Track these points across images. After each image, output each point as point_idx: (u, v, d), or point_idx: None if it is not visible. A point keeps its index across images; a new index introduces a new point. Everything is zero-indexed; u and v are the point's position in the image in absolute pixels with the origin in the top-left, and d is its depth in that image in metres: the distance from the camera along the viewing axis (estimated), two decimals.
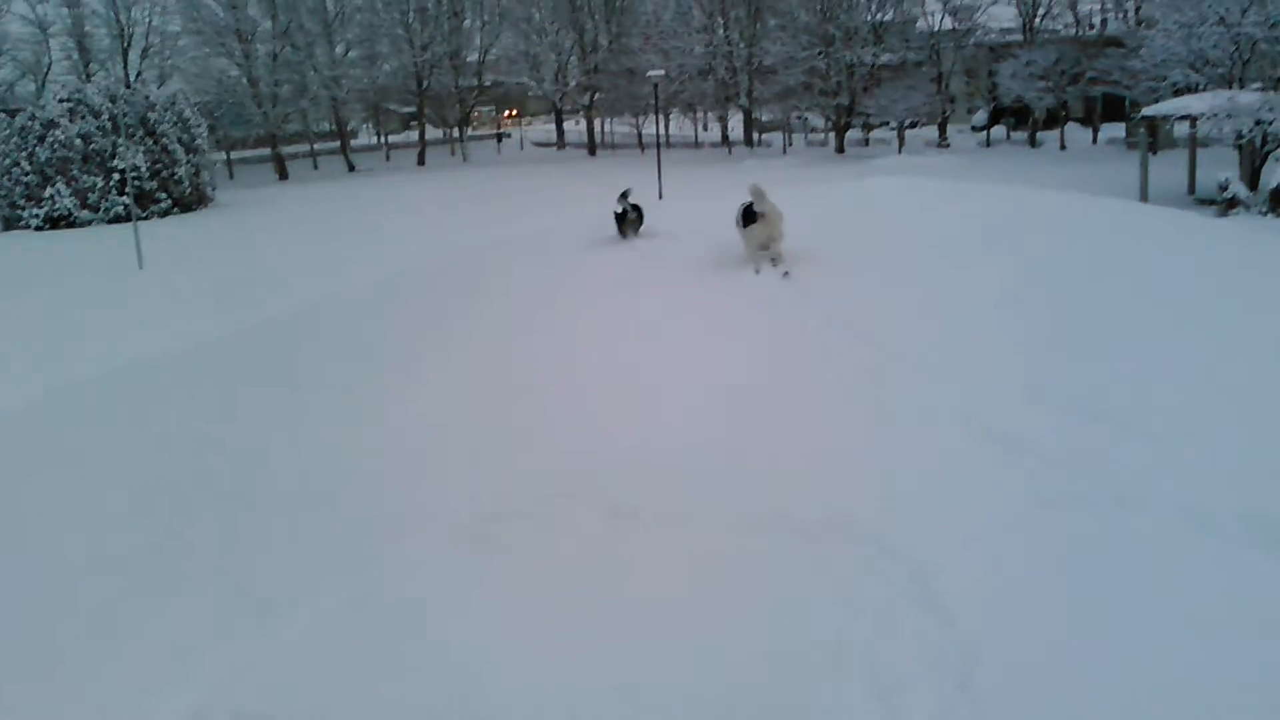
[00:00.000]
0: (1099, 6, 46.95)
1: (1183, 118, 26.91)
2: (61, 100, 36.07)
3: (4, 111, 40.12)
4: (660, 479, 5.70)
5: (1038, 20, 46.96)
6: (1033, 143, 46.11)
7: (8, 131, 35.51)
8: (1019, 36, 47.28)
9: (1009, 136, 49.31)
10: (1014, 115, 49.25)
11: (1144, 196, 24.72)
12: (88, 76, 49.95)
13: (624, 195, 16.30)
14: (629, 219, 16.53)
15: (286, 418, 7.81)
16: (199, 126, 39.85)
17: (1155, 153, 30.02)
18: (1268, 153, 24.29)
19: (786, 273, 10.11)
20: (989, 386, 6.47)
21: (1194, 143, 27.36)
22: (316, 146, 57.29)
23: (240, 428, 7.80)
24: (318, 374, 9.14)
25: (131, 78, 51.42)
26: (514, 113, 79.23)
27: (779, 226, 10.64)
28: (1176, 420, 5.65)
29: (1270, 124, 23.12)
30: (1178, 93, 30.60)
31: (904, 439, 5.89)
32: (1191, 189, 26.57)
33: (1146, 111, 28.31)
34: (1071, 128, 45.77)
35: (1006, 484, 5.15)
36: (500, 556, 5.08)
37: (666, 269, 11.58)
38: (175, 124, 37.94)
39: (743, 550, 4.82)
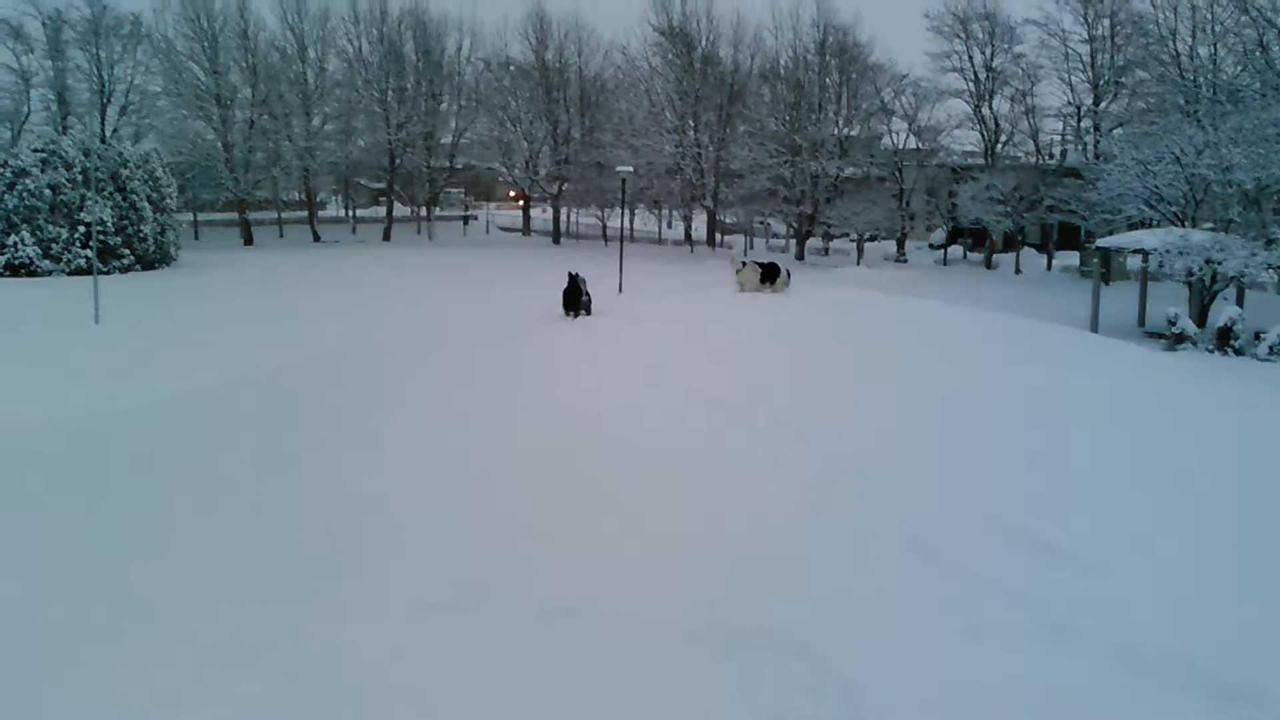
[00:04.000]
0: (1059, 137, 48.37)
1: (1136, 251, 27.58)
2: (35, 150, 35.86)
3: None
4: (600, 576, 5.57)
5: (999, 146, 48.26)
6: (988, 265, 47.10)
7: None
8: (981, 160, 48.51)
9: (965, 257, 50.35)
10: (972, 236, 50.36)
11: (1095, 326, 25.21)
12: (64, 129, 49.75)
13: (574, 277, 16.60)
14: (580, 299, 16.79)
15: (225, 487, 7.57)
16: (169, 186, 39.72)
17: (1108, 283, 30.73)
18: (1216, 291, 24.95)
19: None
20: (931, 506, 6.45)
21: (1145, 277, 28.04)
22: (284, 215, 57.28)
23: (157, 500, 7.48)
24: (255, 444, 8.92)
25: (108, 133, 51.30)
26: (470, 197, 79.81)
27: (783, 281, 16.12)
28: (1116, 553, 5.64)
29: (1219, 264, 23.75)
30: (1132, 226, 31.49)
31: (844, 555, 5.82)
32: (1141, 321, 27.14)
33: (1101, 243, 28.99)
34: (1027, 253, 46.89)
35: (944, 611, 5.09)
36: (427, 648, 4.87)
37: (615, 355, 11.61)
38: (146, 181, 37.81)
39: (675, 662, 4.67)
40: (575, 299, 17.04)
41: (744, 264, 21.04)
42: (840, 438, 7.89)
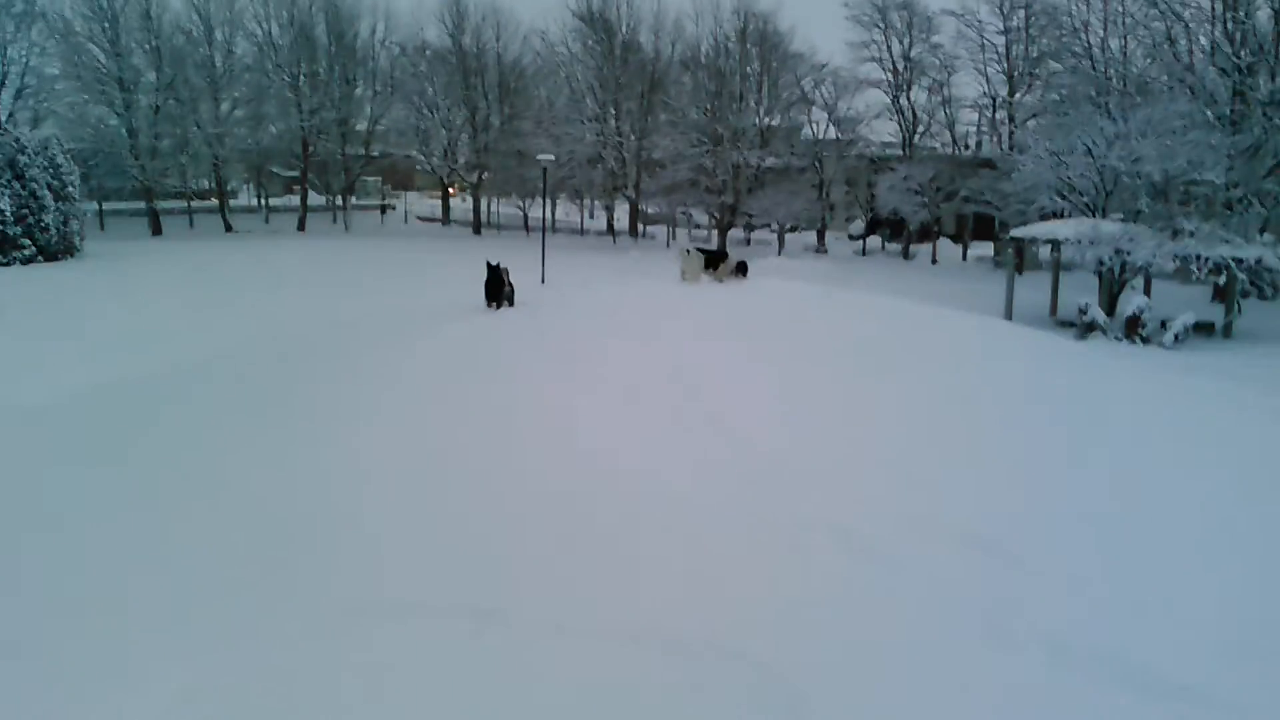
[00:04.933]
0: (975, 128, 49.27)
1: (1048, 241, 28.21)
2: None
3: None
4: (533, 579, 5.51)
5: (917, 137, 48.98)
6: (906, 255, 47.84)
7: None
8: (899, 151, 49.20)
9: (884, 247, 51.08)
10: (890, 227, 51.04)
11: (1009, 315, 25.77)
12: None
13: (494, 267, 16.53)
14: (503, 290, 16.69)
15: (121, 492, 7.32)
16: (71, 174, 38.58)
17: (1021, 272, 31.37)
18: (1125, 281, 25.62)
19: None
20: (861, 502, 6.52)
21: (1057, 266, 28.69)
22: (194, 204, 55.81)
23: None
24: (160, 446, 8.62)
25: (3, 118, 49.47)
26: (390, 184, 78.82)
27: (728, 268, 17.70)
28: (1044, 548, 5.76)
29: (1129, 254, 24.40)
30: (1044, 217, 32.19)
31: (782, 557, 5.84)
32: (1054, 310, 27.78)
33: (1015, 233, 29.62)
34: (943, 243, 47.65)
35: (882, 611, 5.14)
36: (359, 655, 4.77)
37: (538, 346, 11.54)
38: (46, 169, 36.67)
39: (620, 666, 4.64)
40: (498, 289, 16.87)
41: (689, 251, 20.85)
42: (773, 437, 7.90)
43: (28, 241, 35.10)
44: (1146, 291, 26.84)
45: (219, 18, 53.48)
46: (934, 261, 45.56)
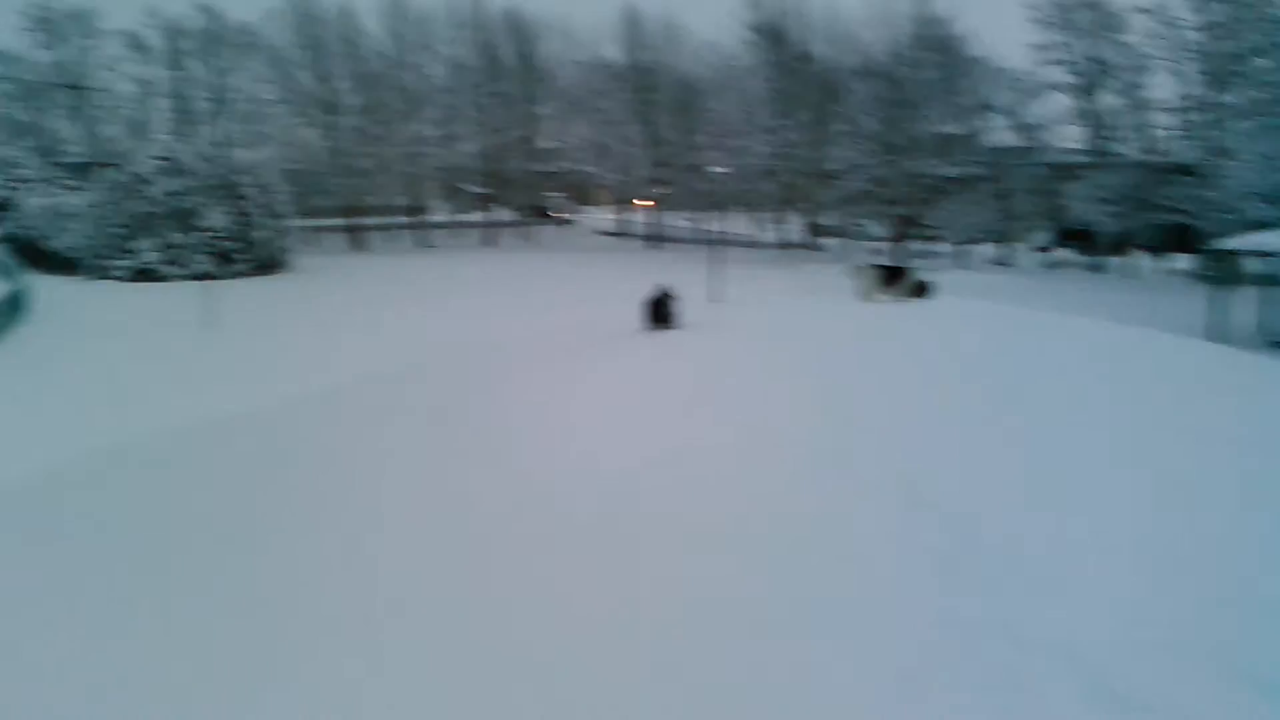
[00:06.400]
0: (1171, 131, 45.91)
1: (1261, 254, 25.94)
2: (155, 158, 36.81)
3: (103, 166, 41.18)
4: None
5: (1106, 143, 46.09)
6: (1096, 268, 45.12)
7: (104, 185, 36.35)
8: (1087, 158, 46.46)
9: (1071, 260, 48.28)
10: (1077, 238, 48.27)
11: (1215, 335, 23.76)
12: (184, 137, 50.92)
13: (663, 294, 16.13)
14: (665, 313, 16.27)
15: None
16: (282, 192, 40.36)
17: (1228, 288, 29.02)
18: None
19: None
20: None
21: (1269, 281, 26.35)
22: (391, 220, 57.67)
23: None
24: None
25: (224, 141, 52.38)
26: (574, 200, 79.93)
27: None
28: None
29: None
30: (1250, 227, 29.69)
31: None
32: (1263, 328, 25.51)
33: (1222, 245, 27.30)
34: (1137, 255, 44.72)
35: None
36: None
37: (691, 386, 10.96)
38: (260, 188, 38.44)
39: None
40: (660, 312, 16.44)
41: (863, 268, 19.75)
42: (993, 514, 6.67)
43: (244, 256, 36.79)
44: None
45: (413, 42, 55.15)
46: (1128, 276, 42.81)
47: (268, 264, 38.09)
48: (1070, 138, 47.80)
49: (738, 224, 61.34)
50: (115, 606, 5.88)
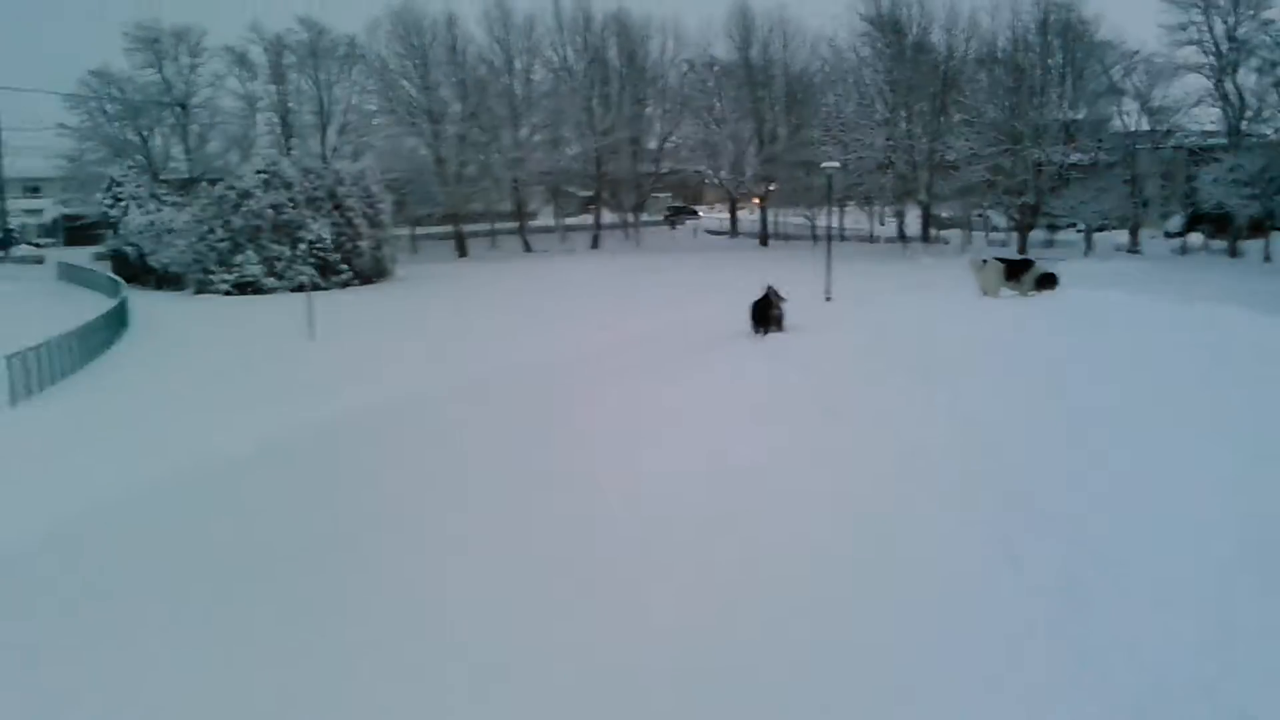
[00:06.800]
0: None
1: None
2: (258, 171, 37.88)
3: (207, 181, 42.54)
4: None
5: (1245, 123, 44.27)
6: (1232, 253, 43.44)
7: (207, 200, 37.43)
8: (1223, 140, 44.66)
9: (1206, 245, 46.44)
10: (1212, 223, 46.30)
11: None
12: (288, 150, 52.30)
13: (766, 296, 15.74)
14: (771, 315, 15.83)
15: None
16: (383, 202, 41.29)
17: None
18: None
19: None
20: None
21: None
22: (496, 225, 58.63)
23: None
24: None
25: (328, 153, 53.75)
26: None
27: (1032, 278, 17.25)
28: None
29: None
30: None
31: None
32: None
33: None
34: (1276, 239, 42.66)
35: None
36: None
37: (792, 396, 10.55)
38: (361, 198, 39.25)
39: None
40: (765, 314, 15.96)
41: (985, 261, 18.88)
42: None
43: (345, 266, 37.60)
44: None
45: (518, 47, 56.30)
46: (1267, 259, 40.92)
47: (370, 273, 38.83)
48: (1205, 119, 45.91)
49: (853, 219, 60.51)
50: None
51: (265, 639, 5.78)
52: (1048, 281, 18.06)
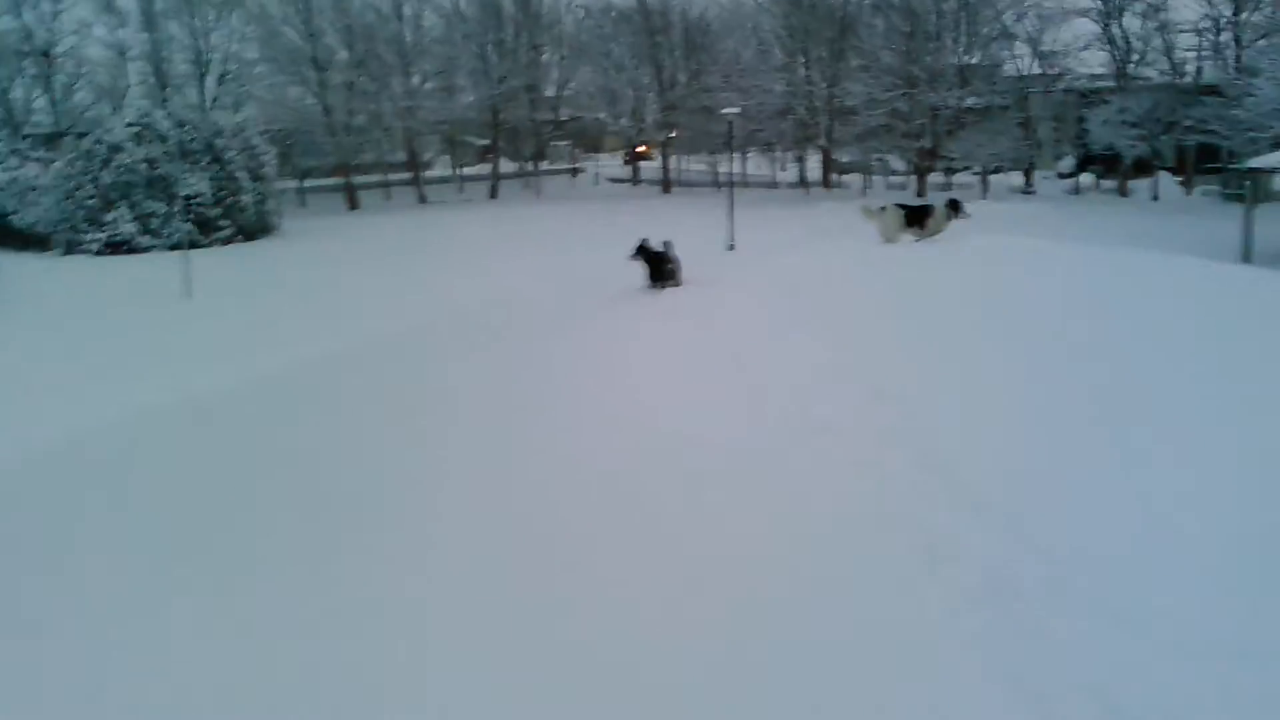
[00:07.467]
0: (1196, 53, 46.09)
1: None
2: (129, 124, 36.81)
3: (74, 135, 41.11)
4: None
5: (1131, 66, 46.29)
6: (1122, 192, 45.60)
7: (74, 155, 36.28)
8: (1110, 83, 46.66)
9: (1098, 185, 48.69)
10: (1103, 163, 48.50)
11: (1248, 256, 24.04)
12: (164, 102, 50.79)
13: (643, 246, 16.14)
14: (666, 269, 16.26)
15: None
16: (266, 154, 40.54)
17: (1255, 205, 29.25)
18: None
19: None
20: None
21: None
22: (390, 177, 58.00)
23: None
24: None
25: (208, 103, 52.41)
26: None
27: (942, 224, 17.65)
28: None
29: None
30: (1278, 144, 29.87)
31: None
32: None
33: (1253, 163, 27.49)
34: (1163, 177, 44.94)
35: None
36: None
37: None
38: (243, 151, 38.54)
39: None
40: (660, 269, 16.54)
41: (882, 208, 19.49)
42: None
43: (227, 222, 36.90)
44: None
45: None
46: (1155, 198, 43.08)
47: (254, 229, 38.22)
48: (1094, 63, 47.88)
49: (754, 165, 61.41)
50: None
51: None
52: (955, 207, 19.16)
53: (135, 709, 4.72)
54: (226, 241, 36.49)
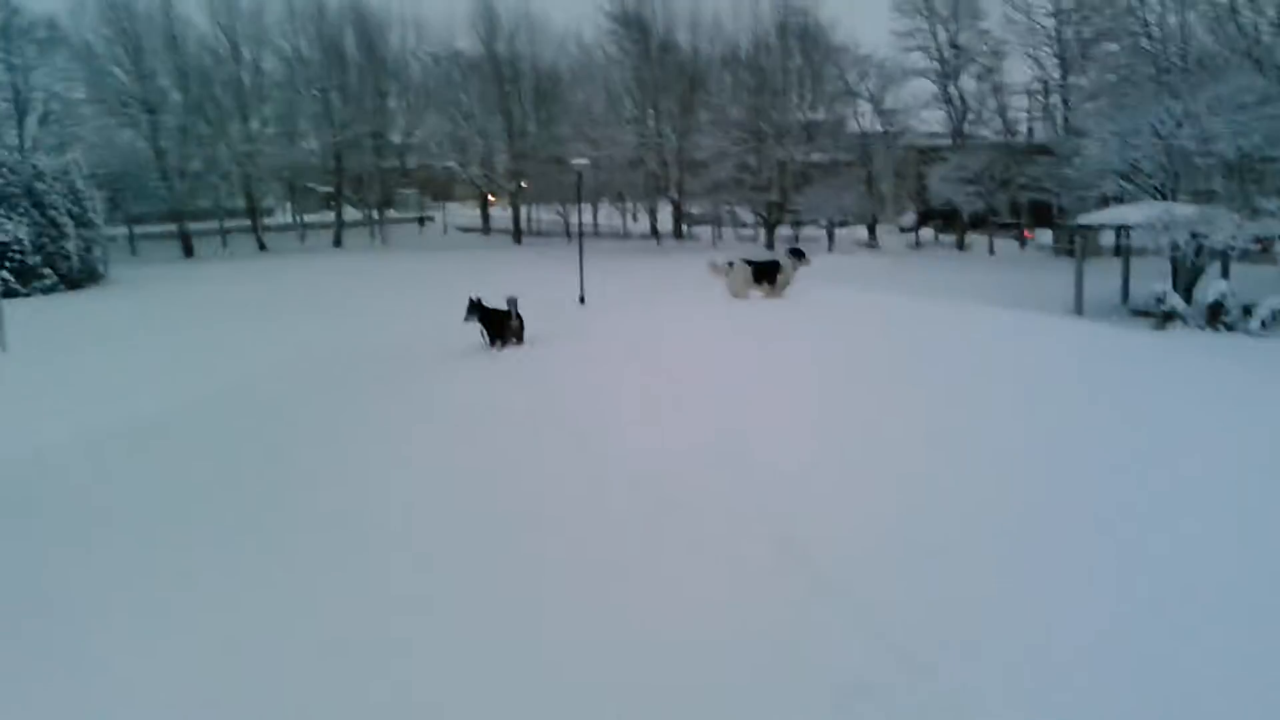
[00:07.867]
0: (1027, 114, 48.83)
1: (1117, 228, 27.62)
2: None
3: None
4: None
5: (967, 125, 48.61)
6: (960, 246, 47.52)
7: None
8: (948, 141, 48.85)
9: (937, 238, 50.77)
10: (942, 218, 50.61)
11: (1080, 309, 25.26)
12: None
13: (476, 303, 15.66)
14: (509, 326, 15.75)
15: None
16: (91, 199, 38.79)
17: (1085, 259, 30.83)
18: (1202, 266, 24.95)
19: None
20: None
21: (1128, 254, 28.11)
22: (228, 224, 56.17)
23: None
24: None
25: (27, 145, 49.95)
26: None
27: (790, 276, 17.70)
28: None
29: (1206, 238, 23.83)
30: (1106, 202, 31.65)
31: None
32: (1125, 298, 27.18)
33: (1083, 220, 29.00)
34: (999, 233, 47.09)
35: None
36: None
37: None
38: (66, 195, 36.84)
39: None
40: (502, 327, 15.90)
41: (730, 264, 19.51)
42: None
43: (49, 270, 35.11)
44: (1224, 276, 26.13)
45: (246, 36, 54.00)
46: (991, 253, 45.09)
47: (79, 278, 36.43)
48: (932, 121, 50.07)
49: (606, 215, 61.88)
50: None
51: None
52: (798, 255, 19.64)
53: None
54: (48, 291, 34.70)
